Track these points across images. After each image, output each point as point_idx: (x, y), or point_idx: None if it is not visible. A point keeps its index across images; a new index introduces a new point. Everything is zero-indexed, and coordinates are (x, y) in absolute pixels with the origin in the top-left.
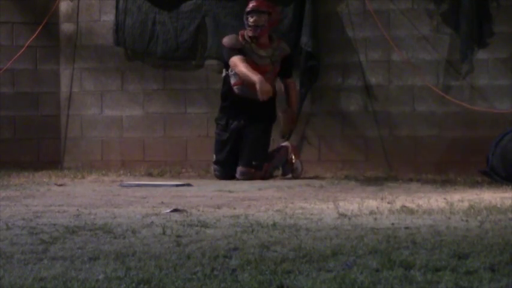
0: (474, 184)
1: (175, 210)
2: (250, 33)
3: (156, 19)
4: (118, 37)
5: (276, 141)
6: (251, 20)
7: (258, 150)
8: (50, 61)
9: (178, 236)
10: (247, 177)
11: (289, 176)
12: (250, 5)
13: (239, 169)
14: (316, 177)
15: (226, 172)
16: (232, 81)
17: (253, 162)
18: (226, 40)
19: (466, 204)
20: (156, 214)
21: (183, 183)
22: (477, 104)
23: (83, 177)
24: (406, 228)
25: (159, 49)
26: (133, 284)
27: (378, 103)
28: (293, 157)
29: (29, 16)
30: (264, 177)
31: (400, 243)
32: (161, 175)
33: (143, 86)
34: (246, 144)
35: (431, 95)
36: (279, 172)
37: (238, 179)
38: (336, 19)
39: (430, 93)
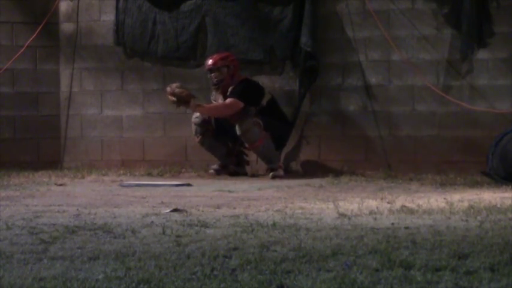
0: (474, 184)
1: (175, 210)
2: (214, 90)
3: (156, 19)
4: (118, 37)
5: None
6: (212, 77)
7: (264, 119)
8: (49, 61)
9: (178, 236)
10: (246, 125)
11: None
12: (208, 63)
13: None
14: (316, 177)
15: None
16: None
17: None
18: None
19: (466, 204)
20: (156, 214)
21: (183, 183)
22: (477, 104)
23: (83, 177)
24: (406, 228)
25: (159, 49)
26: (133, 284)
27: (377, 103)
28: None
29: (29, 16)
30: (256, 146)
31: (400, 243)
32: (161, 175)
33: (143, 86)
34: None
35: (431, 95)
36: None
37: (239, 134)
38: (336, 19)
39: (430, 93)
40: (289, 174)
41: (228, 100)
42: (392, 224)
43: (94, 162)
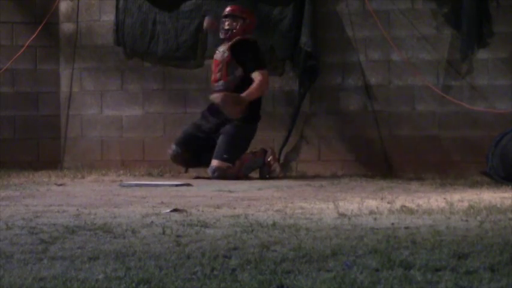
0: (474, 184)
1: (175, 210)
2: (222, 36)
3: (156, 19)
4: (118, 37)
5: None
6: (226, 23)
7: (230, 146)
8: (49, 61)
9: (178, 236)
10: (220, 173)
11: (267, 177)
12: (226, 9)
13: (211, 164)
14: (316, 177)
15: (181, 155)
16: None
17: (224, 155)
18: None
19: (466, 204)
20: (156, 214)
21: (183, 183)
22: (477, 104)
23: (83, 177)
24: (406, 228)
25: (159, 49)
26: (133, 284)
27: (377, 103)
28: (271, 159)
29: (29, 16)
30: (238, 176)
31: (400, 243)
32: (161, 175)
33: (143, 86)
34: (219, 142)
35: (431, 95)
36: (257, 174)
37: (211, 177)
38: (336, 19)
39: (430, 93)
40: (288, 174)
41: (259, 77)
42: (392, 224)
43: (94, 162)
